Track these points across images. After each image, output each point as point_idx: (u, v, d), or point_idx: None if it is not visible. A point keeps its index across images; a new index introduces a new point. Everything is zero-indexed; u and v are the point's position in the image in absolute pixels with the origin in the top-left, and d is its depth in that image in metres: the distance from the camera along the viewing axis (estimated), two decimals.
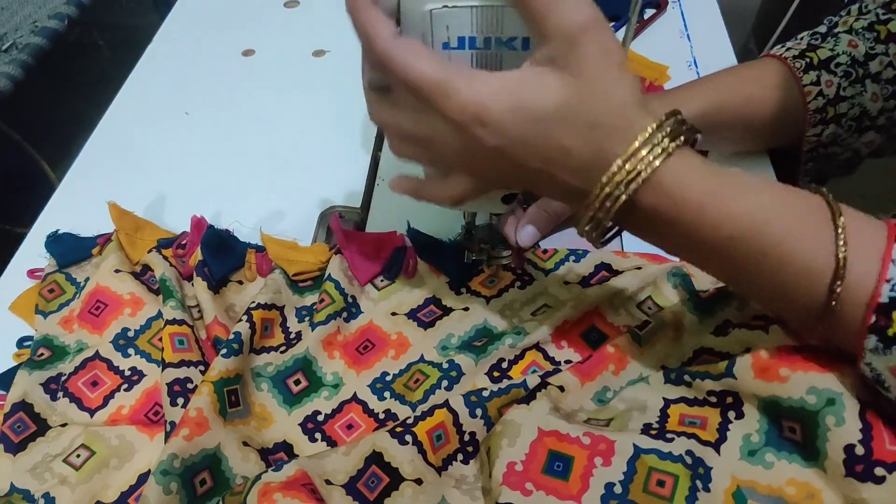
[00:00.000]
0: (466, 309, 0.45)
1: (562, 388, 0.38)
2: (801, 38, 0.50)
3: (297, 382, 0.42)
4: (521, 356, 0.43)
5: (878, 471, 0.30)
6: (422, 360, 0.43)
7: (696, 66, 0.62)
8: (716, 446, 0.33)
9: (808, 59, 0.48)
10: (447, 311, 0.46)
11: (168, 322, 0.43)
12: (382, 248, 0.48)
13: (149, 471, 0.39)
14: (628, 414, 0.37)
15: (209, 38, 0.69)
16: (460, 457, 0.38)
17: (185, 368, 0.41)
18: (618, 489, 0.33)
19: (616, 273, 0.46)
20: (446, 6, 0.32)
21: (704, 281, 0.43)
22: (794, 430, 0.32)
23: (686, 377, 0.36)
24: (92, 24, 1.46)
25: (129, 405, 0.42)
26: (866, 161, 0.53)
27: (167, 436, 0.39)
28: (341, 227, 0.47)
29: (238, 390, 0.41)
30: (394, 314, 0.46)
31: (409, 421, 0.37)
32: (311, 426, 0.41)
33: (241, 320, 0.43)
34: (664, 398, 0.36)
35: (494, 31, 0.33)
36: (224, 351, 0.41)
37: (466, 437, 0.38)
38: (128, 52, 0.69)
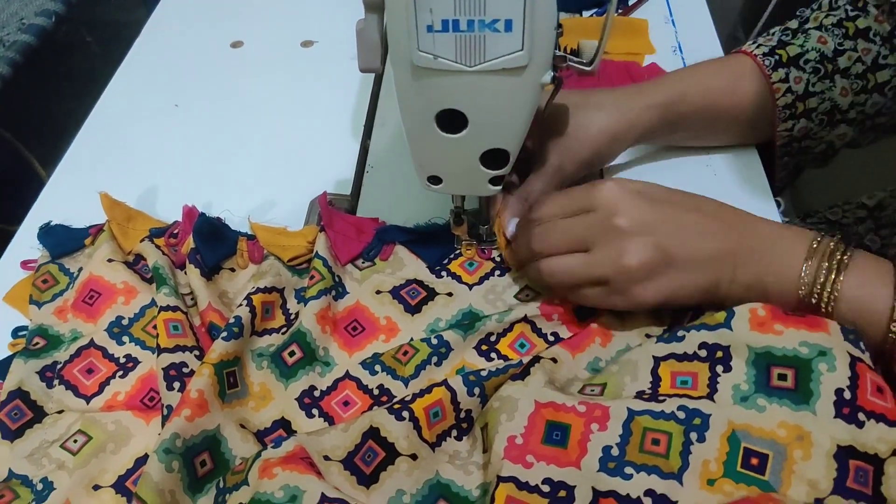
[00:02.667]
0: (450, 294, 0.46)
1: (554, 360, 0.39)
2: (773, 34, 0.51)
3: (292, 354, 0.43)
4: (509, 329, 0.43)
5: (860, 416, 0.32)
6: (411, 341, 0.44)
7: (681, 52, 0.62)
8: (709, 398, 0.35)
9: (777, 57, 0.49)
10: (431, 292, 0.46)
11: (162, 309, 0.43)
12: (363, 230, 0.49)
13: (146, 455, 0.40)
14: (620, 380, 0.38)
15: (197, 30, 0.69)
16: (454, 433, 0.38)
17: (180, 353, 0.42)
18: (615, 451, 0.34)
19: None
20: None
21: None
22: (785, 377, 0.34)
23: (679, 332, 0.37)
24: (80, 20, 1.45)
25: (125, 391, 0.43)
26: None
27: (164, 418, 0.40)
28: (327, 205, 0.48)
29: (236, 372, 0.42)
30: (378, 292, 0.47)
31: (408, 398, 0.38)
32: (309, 401, 0.41)
33: (241, 305, 0.44)
34: (654, 356, 0.37)
35: (477, 13, 0.33)
36: (224, 334, 0.41)
37: (462, 415, 0.38)
38: (116, 48, 0.69)
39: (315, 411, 0.41)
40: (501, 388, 0.38)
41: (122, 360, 0.44)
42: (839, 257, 0.37)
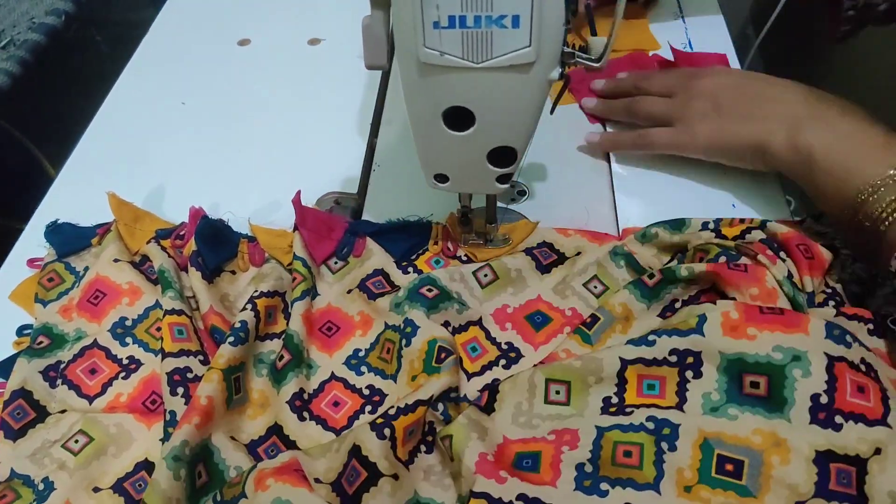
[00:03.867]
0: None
1: (511, 376, 0.39)
2: None
3: (281, 357, 0.42)
4: (465, 327, 0.43)
5: (838, 419, 0.31)
6: (386, 327, 0.44)
7: (692, 47, 0.61)
8: (678, 407, 0.34)
9: None
10: (393, 287, 0.46)
11: (167, 312, 0.43)
12: (334, 228, 0.48)
13: (145, 459, 0.40)
14: (585, 380, 0.37)
15: (205, 29, 0.69)
16: (423, 448, 0.38)
17: (184, 358, 0.41)
18: (588, 468, 0.34)
19: (557, 252, 0.47)
20: None
21: (648, 257, 0.44)
22: (758, 385, 0.34)
23: (650, 336, 0.36)
24: (89, 20, 1.46)
25: (127, 393, 0.43)
26: None
27: (167, 423, 0.39)
28: (300, 204, 0.47)
29: (240, 377, 0.42)
30: (349, 291, 0.46)
31: (392, 412, 0.37)
32: (299, 404, 0.41)
33: (244, 309, 0.43)
34: (621, 358, 0.37)
35: (484, 8, 0.33)
36: (231, 339, 0.41)
37: (426, 428, 0.38)
38: (125, 47, 0.69)
39: (306, 414, 0.41)
40: (469, 410, 0.38)
41: (125, 362, 0.44)
42: None
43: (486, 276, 0.46)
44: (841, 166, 0.39)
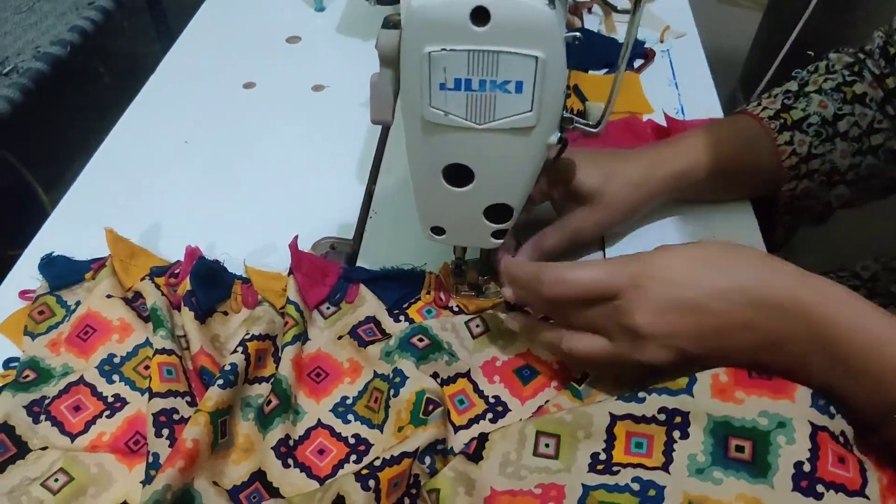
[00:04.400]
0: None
1: (502, 427, 0.39)
2: (776, 97, 0.53)
3: (269, 402, 0.42)
4: (453, 379, 0.43)
5: (819, 488, 0.32)
6: (375, 375, 0.44)
7: (683, 113, 0.64)
8: (664, 468, 0.35)
9: (782, 120, 0.51)
10: (384, 335, 0.46)
11: (157, 351, 0.43)
12: (328, 273, 0.49)
13: (124, 502, 0.39)
14: (574, 434, 0.37)
15: (212, 70, 0.71)
16: (406, 501, 0.37)
17: (171, 399, 0.41)
18: None
19: None
20: (444, 49, 0.34)
21: None
22: (743, 450, 0.34)
23: (640, 393, 0.37)
24: (94, 51, 1.48)
25: (111, 432, 0.42)
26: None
27: (149, 465, 0.39)
28: (297, 248, 0.48)
29: (227, 421, 0.41)
30: (340, 337, 0.47)
31: (377, 464, 0.37)
32: (284, 450, 0.40)
33: (235, 351, 0.43)
34: (610, 413, 0.37)
35: (489, 74, 0.34)
36: (221, 381, 0.41)
37: (411, 480, 0.38)
38: (128, 80, 0.71)
39: (291, 461, 0.40)
40: (455, 461, 0.38)
41: (111, 400, 0.43)
42: None
43: (477, 326, 0.46)
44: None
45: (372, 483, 0.36)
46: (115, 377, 0.44)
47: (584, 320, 0.39)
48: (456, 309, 0.48)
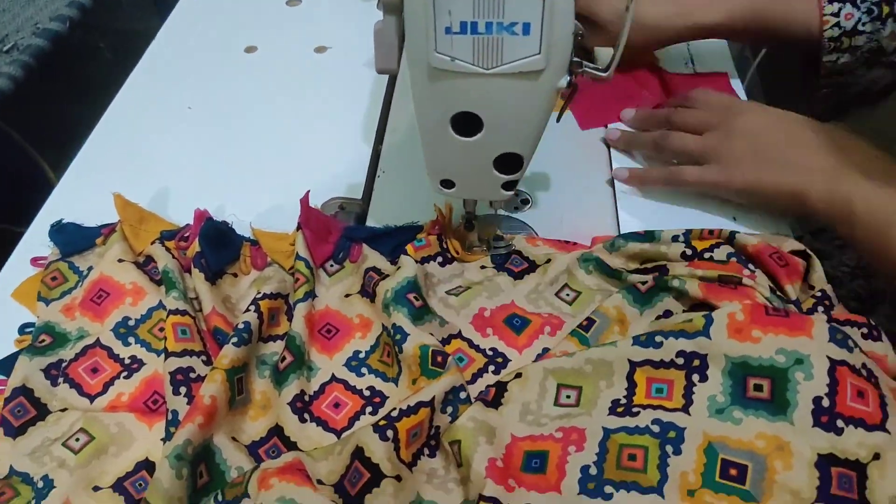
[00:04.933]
0: (399, 267, 0.46)
1: (519, 375, 0.39)
2: None
3: (283, 359, 0.42)
4: (447, 341, 0.43)
5: (839, 423, 0.32)
6: (384, 330, 0.44)
7: (693, 64, 0.62)
8: (684, 410, 0.35)
9: None
10: (383, 276, 0.46)
11: (171, 312, 0.43)
12: (332, 230, 0.49)
13: (146, 459, 0.39)
14: (596, 384, 0.37)
15: (212, 35, 0.70)
16: (426, 451, 0.38)
17: (187, 358, 0.41)
18: (593, 470, 0.34)
19: (526, 260, 0.47)
20: None
21: (617, 265, 0.45)
22: (761, 388, 0.34)
23: (657, 337, 0.37)
24: (94, 27, 1.47)
25: (129, 393, 0.43)
26: None
27: (169, 423, 0.39)
28: (307, 203, 0.47)
29: (243, 378, 0.42)
30: (347, 295, 0.46)
31: (394, 414, 0.37)
32: (300, 405, 0.41)
33: (248, 310, 0.43)
34: (630, 360, 0.37)
35: (495, 15, 0.33)
36: (235, 339, 0.41)
37: (432, 431, 0.38)
38: (129, 55, 0.70)
39: (307, 416, 0.41)
40: (473, 410, 0.37)
41: (128, 361, 0.44)
42: None
43: (459, 288, 0.46)
44: (883, 220, 0.39)
45: (390, 433, 0.36)
46: (131, 339, 0.44)
47: (695, 118, 0.50)
48: (445, 244, 0.48)
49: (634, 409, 0.35)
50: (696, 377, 0.35)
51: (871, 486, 0.31)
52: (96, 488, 0.38)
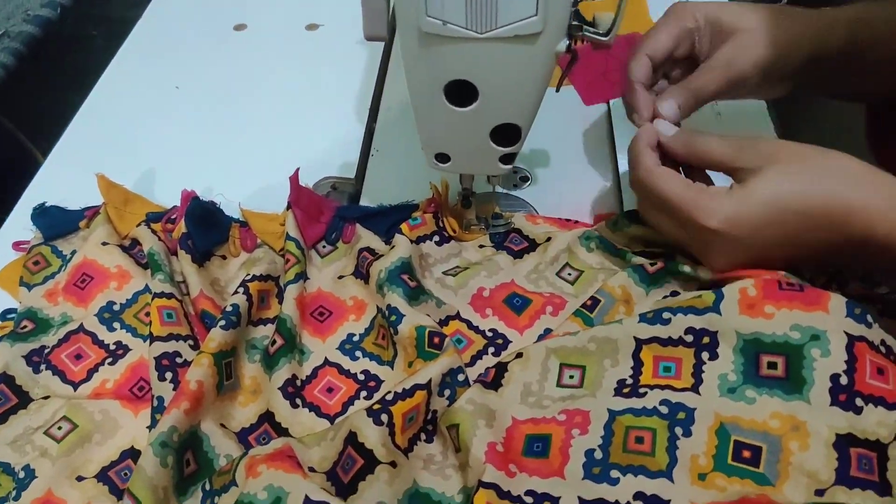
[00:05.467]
0: (393, 247, 0.44)
1: (520, 355, 0.37)
2: None
3: (273, 342, 0.41)
4: (445, 322, 0.42)
5: (858, 401, 0.30)
6: (378, 312, 0.42)
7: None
8: (693, 389, 0.33)
9: None
10: (377, 256, 0.44)
11: (156, 295, 0.42)
12: (324, 210, 0.47)
13: (132, 447, 0.38)
14: (600, 363, 0.36)
15: (200, 13, 0.68)
16: (423, 436, 0.36)
17: (173, 342, 0.40)
18: (598, 454, 0.33)
19: (526, 239, 0.46)
20: None
21: (620, 240, 0.43)
22: (775, 366, 0.32)
23: (665, 314, 0.35)
24: (85, 14, 1.45)
25: (114, 379, 0.41)
26: None
27: (154, 409, 0.38)
28: (297, 182, 0.46)
29: (231, 363, 0.40)
30: (340, 277, 0.45)
31: (389, 398, 0.35)
32: (292, 390, 0.39)
33: (237, 292, 0.42)
34: (636, 338, 0.35)
35: None
36: (223, 322, 0.39)
37: (429, 416, 0.36)
38: (121, 42, 0.68)
39: (299, 401, 0.39)
40: (472, 392, 0.36)
41: (112, 347, 0.42)
42: None
43: (456, 268, 0.44)
44: None
45: (385, 418, 0.34)
46: (116, 324, 0.43)
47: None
48: (442, 223, 0.46)
49: (641, 390, 0.34)
50: (705, 355, 0.34)
51: (892, 466, 0.29)
52: (79, 478, 0.37)
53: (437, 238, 0.46)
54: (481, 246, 0.46)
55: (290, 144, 0.55)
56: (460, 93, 0.37)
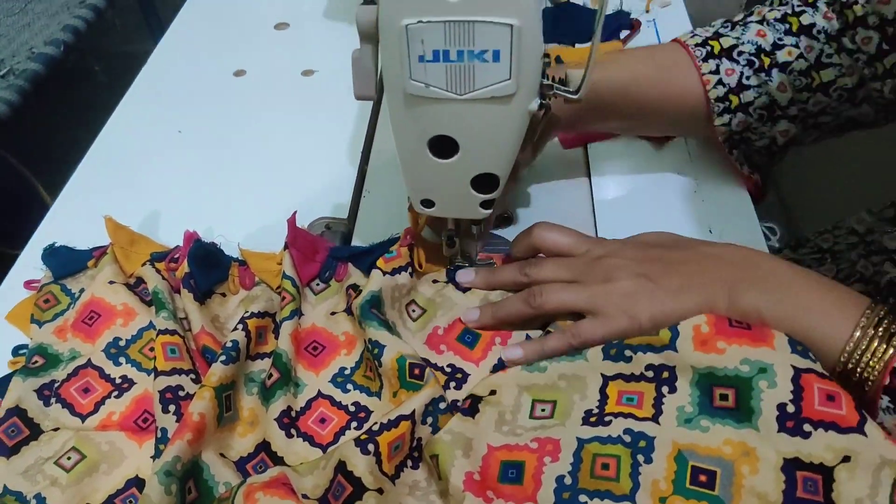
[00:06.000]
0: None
1: (493, 392, 0.40)
2: (712, 26, 0.51)
3: (270, 376, 0.43)
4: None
5: (806, 427, 0.33)
6: (366, 346, 0.44)
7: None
8: (654, 419, 0.36)
9: (709, 48, 0.48)
10: (358, 291, 0.47)
11: (160, 332, 0.44)
12: (318, 250, 0.50)
13: (136, 476, 0.40)
14: (570, 398, 0.38)
15: (202, 59, 0.72)
16: (409, 463, 0.39)
17: (176, 376, 0.42)
18: (568, 480, 0.35)
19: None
20: (421, 21, 0.34)
21: None
22: (727, 398, 0.35)
23: (627, 351, 0.38)
24: (88, 51, 1.49)
25: (120, 412, 0.43)
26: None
27: (158, 440, 0.40)
28: (294, 223, 0.49)
29: (231, 395, 0.43)
30: (333, 313, 0.48)
31: (375, 428, 0.38)
32: (287, 421, 0.42)
33: (236, 329, 0.44)
34: (602, 374, 0.38)
35: (466, 44, 0.35)
36: (223, 357, 0.42)
37: (414, 443, 0.39)
38: (124, 78, 0.71)
39: (293, 431, 0.42)
40: (451, 422, 0.38)
41: (118, 381, 0.45)
42: (887, 326, 0.34)
43: (414, 311, 0.47)
44: (801, 334, 0.36)
45: (371, 447, 0.37)
46: (122, 359, 0.45)
47: (554, 272, 0.43)
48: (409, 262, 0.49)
49: (606, 419, 0.37)
50: (665, 389, 0.37)
51: (837, 488, 0.32)
52: None
53: (409, 269, 0.48)
54: (435, 281, 0.48)
55: (286, 186, 0.58)
56: (442, 146, 0.40)
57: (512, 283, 0.45)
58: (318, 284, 0.49)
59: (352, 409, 0.43)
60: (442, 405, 0.40)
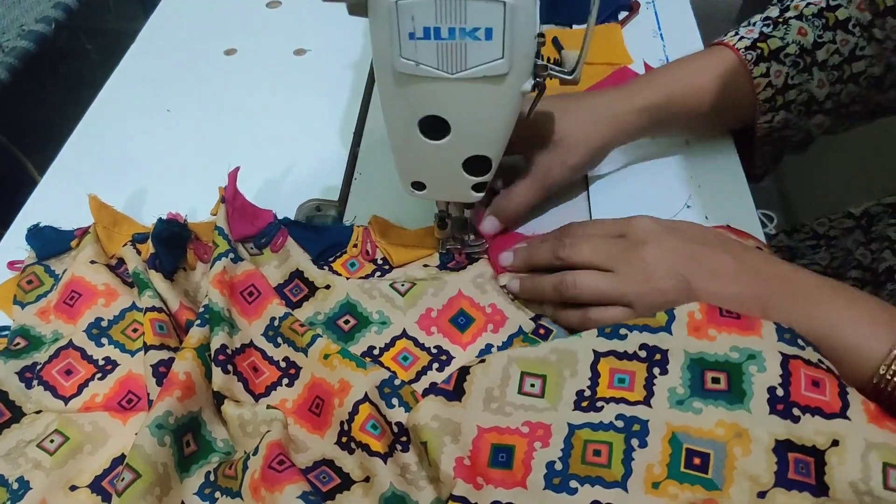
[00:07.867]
0: (328, 287, 0.46)
1: (483, 360, 0.39)
2: (754, 25, 0.52)
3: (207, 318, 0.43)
4: (391, 343, 0.44)
5: (795, 411, 0.33)
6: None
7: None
8: (646, 402, 0.36)
9: (759, 51, 0.49)
10: (311, 287, 0.47)
11: (148, 310, 0.43)
12: (259, 218, 0.49)
13: (122, 455, 0.40)
14: (560, 373, 0.38)
15: (192, 38, 0.70)
16: (399, 446, 0.38)
17: (166, 351, 0.42)
18: (558, 466, 0.35)
19: (469, 258, 0.48)
20: None
21: None
22: (719, 381, 0.35)
23: (622, 330, 0.38)
24: (79, 28, 1.47)
25: (103, 393, 0.43)
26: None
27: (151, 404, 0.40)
28: (234, 181, 0.49)
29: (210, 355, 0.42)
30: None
31: (346, 428, 0.38)
32: (223, 358, 0.41)
33: (207, 295, 0.44)
34: (594, 350, 0.38)
35: (458, 21, 0.34)
36: (199, 321, 0.42)
37: (395, 429, 0.38)
38: (115, 56, 0.70)
39: (230, 367, 0.41)
40: (436, 405, 0.37)
41: (101, 363, 0.44)
42: None
43: (403, 285, 0.46)
44: (833, 350, 0.35)
45: (354, 445, 0.38)
46: (104, 340, 0.45)
47: (596, 248, 0.42)
48: (381, 261, 0.48)
49: (598, 404, 0.36)
50: (657, 370, 0.36)
51: (829, 471, 0.32)
52: (73, 488, 0.39)
53: (378, 273, 0.48)
54: (426, 266, 0.48)
55: (276, 166, 0.57)
56: (434, 127, 0.39)
57: (546, 264, 0.44)
58: (251, 248, 0.49)
59: (283, 365, 0.43)
60: (396, 381, 0.40)
